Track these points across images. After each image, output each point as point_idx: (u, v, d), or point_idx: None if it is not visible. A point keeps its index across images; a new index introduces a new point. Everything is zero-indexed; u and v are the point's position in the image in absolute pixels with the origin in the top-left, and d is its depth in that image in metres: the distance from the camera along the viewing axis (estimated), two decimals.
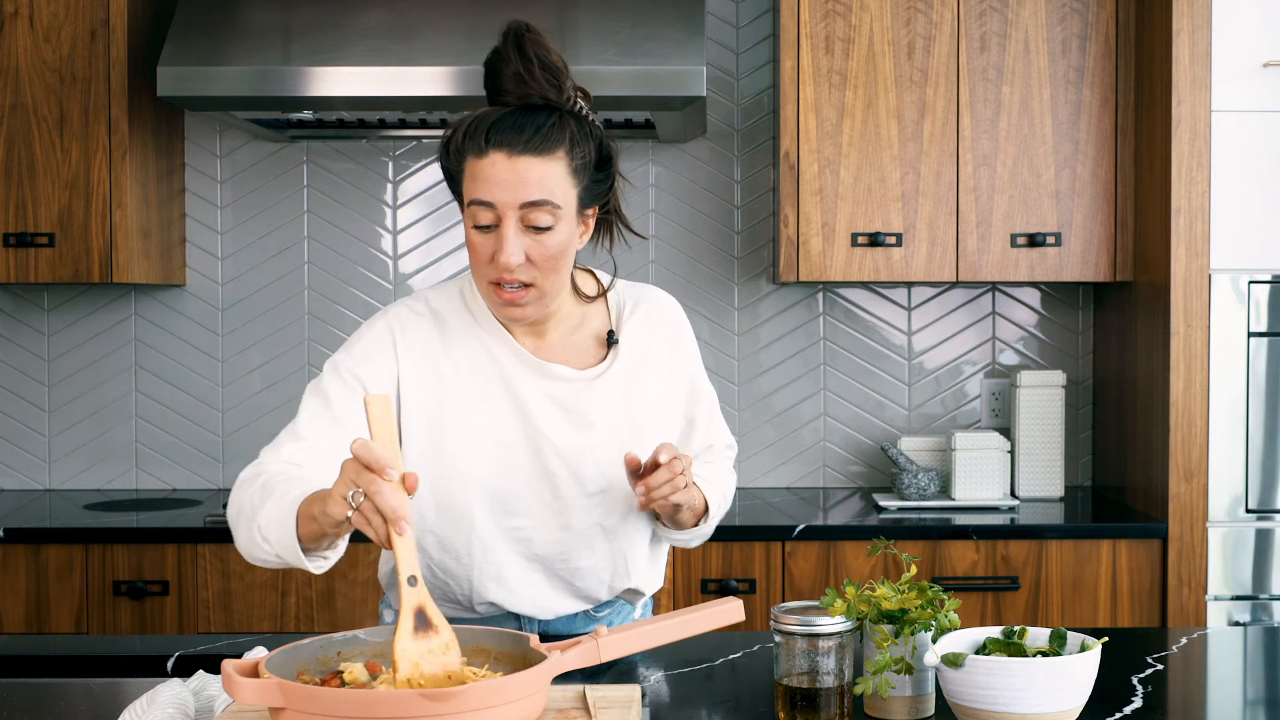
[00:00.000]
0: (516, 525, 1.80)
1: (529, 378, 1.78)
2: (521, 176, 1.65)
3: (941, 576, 2.98)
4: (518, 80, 1.68)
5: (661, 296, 1.92)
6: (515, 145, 1.65)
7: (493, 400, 1.78)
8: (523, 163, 1.65)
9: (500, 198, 1.65)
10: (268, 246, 3.58)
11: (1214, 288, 2.98)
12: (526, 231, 1.67)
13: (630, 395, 1.83)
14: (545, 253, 1.68)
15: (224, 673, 1.30)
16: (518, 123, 1.66)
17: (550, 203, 1.66)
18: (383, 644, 1.47)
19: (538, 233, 1.67)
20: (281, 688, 1.28)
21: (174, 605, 2.98)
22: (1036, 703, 1.45)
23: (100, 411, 3.58)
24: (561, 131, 1.68)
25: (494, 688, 1.28)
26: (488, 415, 1.78)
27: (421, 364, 1.77)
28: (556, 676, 1.44)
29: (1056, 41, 3.20)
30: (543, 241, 1.67)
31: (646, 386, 1.85)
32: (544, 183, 1.66)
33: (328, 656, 1.45)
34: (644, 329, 1.87)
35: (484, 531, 1.80)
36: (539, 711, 1.36)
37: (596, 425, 1.80)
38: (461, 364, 1.78)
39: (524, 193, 1.65)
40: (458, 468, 1.77)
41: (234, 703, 1.46)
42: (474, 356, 1.78)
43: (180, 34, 3.05)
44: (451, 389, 1.77)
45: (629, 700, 1.47)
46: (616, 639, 1.43)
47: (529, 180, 1.65)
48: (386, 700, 1.25)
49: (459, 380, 1.77)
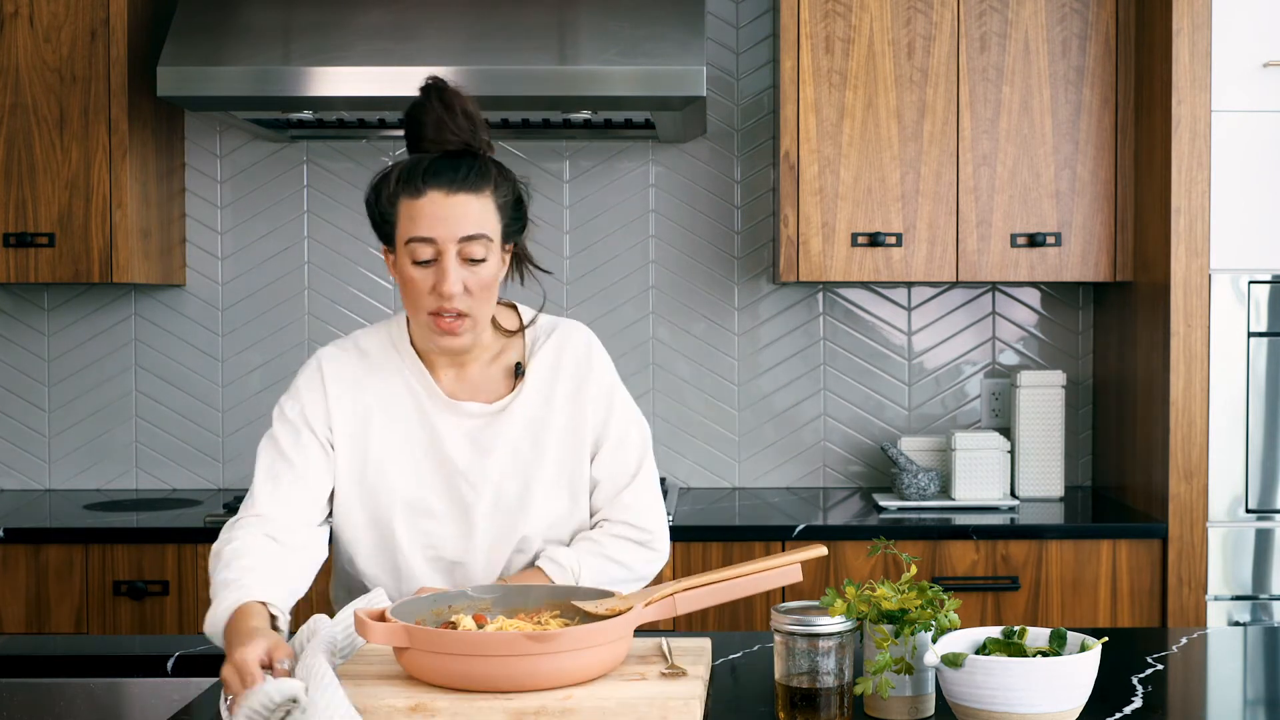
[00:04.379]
0: (427, 531, 1.94)
1: (441, 413, 1.93)
2: (458, 212, 1.80)
3: (941, 576, 2.98)
4: (439, 126, 1.84)
5: (574, 327, 2.02)
6: (451, 184, 1.80)
7: (410, 429, 1.93)
8: (459, 199, 1.80)
9: (440, 233, 1.80)
10: (268, 246, 3.58)
11: (1214, 288, 2.98)
12: (464, 264, 1.81)
13: (533, 422, 1.95)
14: (480, 283, 1.83)
15: (356, 618, 1.55)
16: (449, 165, 1.82)
17: (484, 236, 1.82)
18: (489, 600, 1.73)
19: (473, 264, 1.82)
20: (407, 630, 1.53)
21: (174, 605, 2.98)
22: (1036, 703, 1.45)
23: (100, 411, 3.58)
24: (486, 171, 1.84)
25: (587, 632, 1.53)
26: (405, 438, 1.93)
27: (348, 394, 1.93)
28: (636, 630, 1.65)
29: (1056, 41, 3.20)
30: (477, 273, 1.82)
31: (552, 415, 1.95)
32: (478, 217, 1.81)
33: (440, 609, 1.71)
34: (552, 356, 1.97)
35: (401, 537, 1.93)
36: (624, 655, 1.61)
37: (497, 451, 1.93)
38: (383, 394, 1.94)
39: (462, 227, 1.80)
40: (380, 482, 1.92)
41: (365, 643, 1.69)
42: (395, 390, 1.94)
43: (180, 34, 3.05)
44: (375, 415, 1.93)
45: (700, 650, 1.70)
46: (690, 595, 1.65)
47: (466, 215, 1.81)
48: (496, 640, 1.50)
49: (381, 408, 1.93)
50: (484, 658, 1.50)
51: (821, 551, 1.73)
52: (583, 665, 1.54)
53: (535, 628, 1.64)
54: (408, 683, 1.56)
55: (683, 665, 1.61)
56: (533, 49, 3.00)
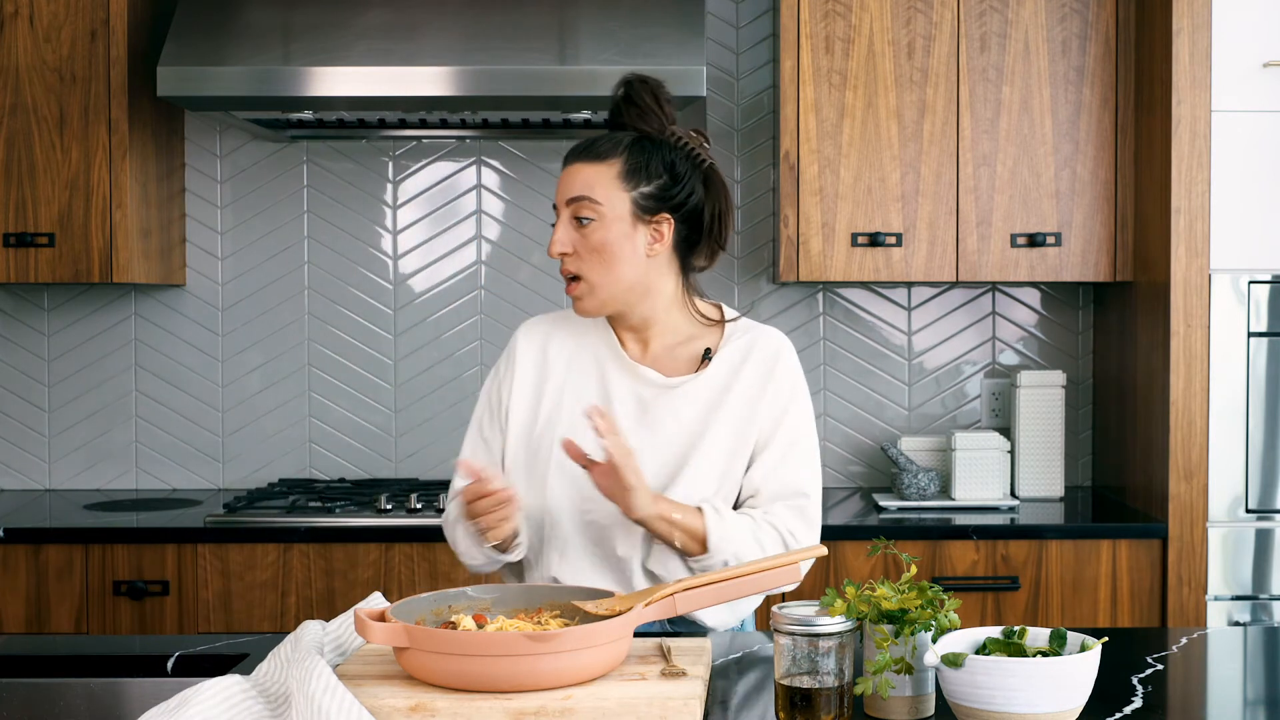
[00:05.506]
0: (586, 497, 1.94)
1: (618, 374, 2.01)
2: (574, 178, 1.94)
3: (941, 576, 2.98)
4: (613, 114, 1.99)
5: (772, 333, 2.05)
6: (576, 155, 1.96)
7: (586, 384, 2.01)
8: (576, 167, 1.95)
9: (558, 197, 1.96)
10: (268, 246, 3.58)
11: (1214, 288, 2.98)
12: (575, 225, 1.94)
13: (708, 407, 1.97)
14: (588, 244, 1.93)
15: (356, 618, 1.55)
16: (586, 141, 1.97)
17: (588, 198, 1.92)
18: (489, 600, 1.74)
19: (581, 225, 1.93)
20: (406, 630, 1.53)
21: (174, 605, 2.98)
22: (1036, 703, 1.45)
23: (100, 411, 3.58)
24: (618, 143, 1.94)
25: (587, 632, 1.53)
26: (578, 395, 2.00)
27: (533, 354, 2.05)
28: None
29: (1056, 41, 3.20)
30: (586, 235, 1.93)
31: (727, 403, 1.98)
32: (588, 180, 1.93)
33: (440, 609, 1.71)
34: (740, 353, 2.02)
35: (555, 504, 1.97)
36: (624, 655, 1.61)
37: (665, 427, 1.97)
38: (568, 349, 2.04)
39: (571, 189, 1.94)
40: (546, 434, 1.99)
41: (365, 644, 1.71)
42: (581, 346, 2.04)
43: (180, 34, 3.05)
44: (555, 369, 2.03)
45: (700, 649, 1.70)
46: (690, 595, 1.66)
47: (577, 179, 1.94)
48: (496, 640, 1.50)
49: (564, 362, 2.03)
50: (484, 658, 1.50)
51: (821, 551, 1.72)
52: (583, 665, 1.54)
53: (535, 628, 1.64)
54: (408, 683, 1.56)
55: (682, 665, 1.61)
56: (532, 49, 3.00)
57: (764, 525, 1.94)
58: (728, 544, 1.89)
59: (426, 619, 1.69)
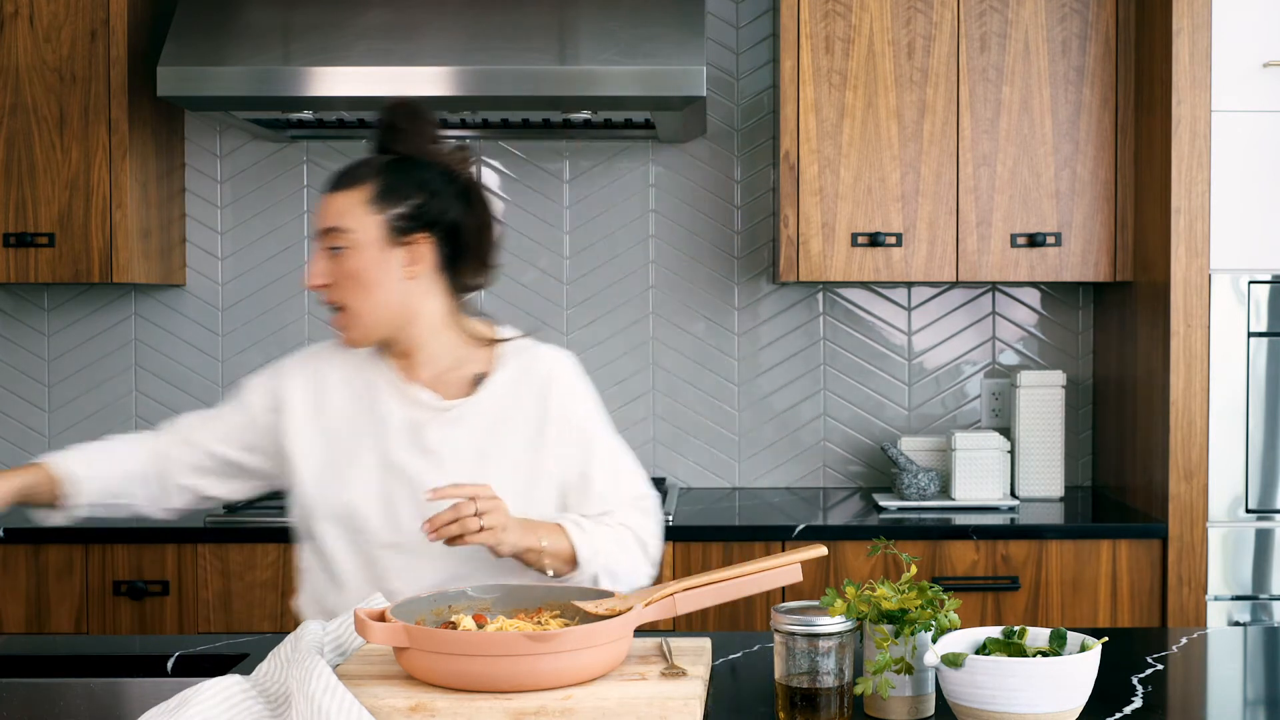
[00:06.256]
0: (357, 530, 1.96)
1: (391, 399, 1.97)
2: (325, 210, 1.93)
3: (941, 576, 2.98)
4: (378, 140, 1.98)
5: (548, 354, 2.01)
6: (327, 186, 1.95)
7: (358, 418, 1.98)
8: (327, 199, 1.93)
9: (314, 228, 1.96)
10: (268, 246, 3.58)
11: (1214, 288, 2.98)
12: (329, 256, 1.92)
13: (487, 433, 1.94)
14: (342, 272, 1.90)
15: (356, 618, 1.56)
16: (340, 170, 1.95)
17: (339, 229, 1.90)
18: (489, 599, 1.74)
19: (334, 254, 1.91)
20: (407, 630, 1.54)
21: (174, 605, 2.98)
22: (1036, 703, 1.45)
23: (100, 411, 3.58)
24: (368, 168, 1.92)
25: (587, 632, 1.54)
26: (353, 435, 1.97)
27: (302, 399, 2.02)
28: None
29: (1056, 41, 3.20)
30: (339, 263, 1.91)
31: (508, 431, 1.95)
32: (339, 210, 1.91)
33: (440, 609, 1.71)
34: (515, 376, 1.98)
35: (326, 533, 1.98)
36: (624, 655, 1.62)
37: (441, 452, 1.94)
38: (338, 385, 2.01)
39: (324, 220, 1.92)
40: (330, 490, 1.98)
41: (365, 644, 1.72)
42: (352, 375, 2.01)
43: (180, 34, 3.05)
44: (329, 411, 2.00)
45: (700, 650, 1.71)
46: (690, 595, 1.66)
47: (329, 210, 1.92)
48: (496, 640, 1.51)
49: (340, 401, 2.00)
50: (484, 658, 1.50)
51: (821, 551, 1.73)
52: (583, 665, 1.54)
53: (535, 628, 1.64)
54: (408, 683, 1.57)
55: (683, 665, 1.62)
56: (532, 49, 3.00)
57: (619, 529, 1.95)
58: (598, 556, 1.90)
59: (426, 619, 1.69)
